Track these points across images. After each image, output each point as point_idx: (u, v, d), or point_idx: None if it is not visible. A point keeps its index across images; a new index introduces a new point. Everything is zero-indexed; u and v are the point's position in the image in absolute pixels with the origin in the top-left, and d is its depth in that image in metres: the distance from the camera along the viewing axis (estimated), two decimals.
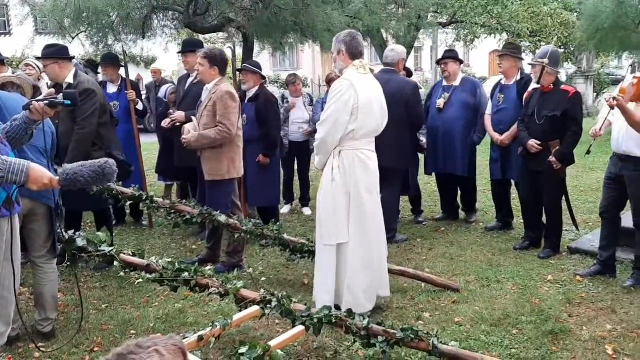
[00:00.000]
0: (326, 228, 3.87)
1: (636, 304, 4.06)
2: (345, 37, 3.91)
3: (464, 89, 6.01)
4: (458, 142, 5.95)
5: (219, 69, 4.78)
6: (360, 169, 3.84)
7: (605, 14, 11.67)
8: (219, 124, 4.64)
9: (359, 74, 3.84)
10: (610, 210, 4.52)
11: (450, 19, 16.57)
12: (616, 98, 4.05)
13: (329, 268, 3.88)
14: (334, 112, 3.77)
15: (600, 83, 20.34)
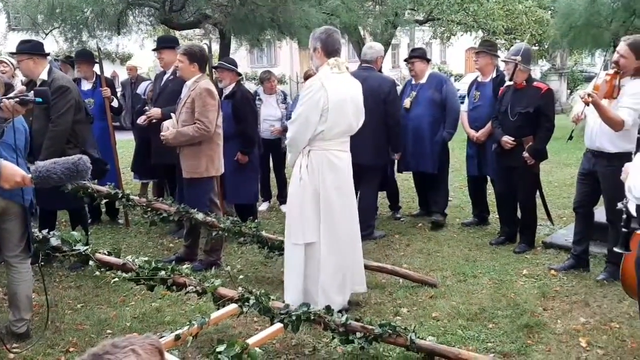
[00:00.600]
0: (294, 227, 3.84)
1: (609, 297, 4.14)
2: (321, 35, 3.85)
3: (430, 86, 5.96)
4: (427, 140, 5.91)
5: (199, 66, 4.75)
6: (328, 170, 3.79)
7: (579, 12, 11.85)
8: (197, 122, 4.61)
9: (332, 74, 3.79)
10: (584, 205, 4.60)
11: (427, 16, 16.71)
12: (591, 95, 4.11)
13: (297, 267, 3.84)
14: (304, 112, 3.74)
15: (573, 80, 20.69)
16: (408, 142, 5.96)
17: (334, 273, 3.83)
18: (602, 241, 4.75)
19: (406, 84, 6.34)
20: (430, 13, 16.36)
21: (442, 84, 6.00)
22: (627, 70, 4.18)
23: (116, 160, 6.08)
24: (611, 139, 4.24)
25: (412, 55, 6.16)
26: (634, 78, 4.20)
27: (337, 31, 3.96)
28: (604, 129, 4.24)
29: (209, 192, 4.88)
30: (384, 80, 5.54)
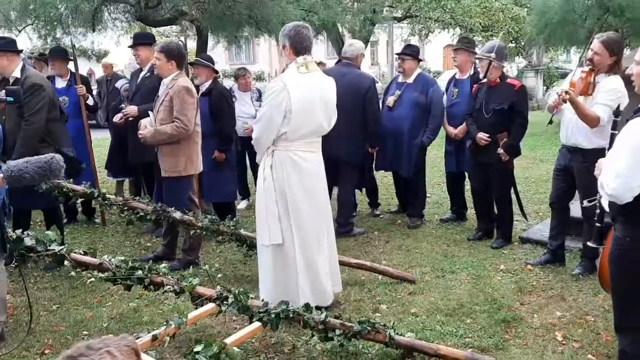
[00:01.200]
0: (260, 228, 3.78)
1: (584, 291, 4.20)
2: (290, 32, 3.73)
3: (416, 88, 5.80)
4: (405, 143, 5.79)
5: (176, 63, 4.69)
6: (293, 171, 3.71)
7: (554, 10, 11.99)
8: (175, 120, 4.56)
9: (298, 74, 3.69)
10: (560, 200, 4.66)
11: (405, 13, 16.77)
12: (568, 92, 4.16)
13: (267, 268, 3.80)
14: (267, 113, 3.66)
15: (550, 77, 20.97)
16: (387, 141, 5.87)
17: (309, 274, 3.77)
18: (578, 236, 4.82)
19: (392, 81, 6.26)
20: (408, 10, 16.42)
21: (429, 87, 5.82)
22: (602, 67, 4.24)
23: (92, 159, 5.99)
24: (586, 135, 4.30)
25: (405, 52, 5.97)
26: (608, 75, 4.26)
27: (307, 27, 3.81)
28: (579, 125, 4.30)
29: (187, 190, 4.85)
30: (364, 77, 5.54)
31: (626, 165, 2.42)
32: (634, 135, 2.44)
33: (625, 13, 11.20)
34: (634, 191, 2.42)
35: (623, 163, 2.43)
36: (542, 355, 3.33)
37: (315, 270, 3.79)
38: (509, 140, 5.05)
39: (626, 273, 2.60)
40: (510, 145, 5.05)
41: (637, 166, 2.40)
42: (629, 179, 2.41)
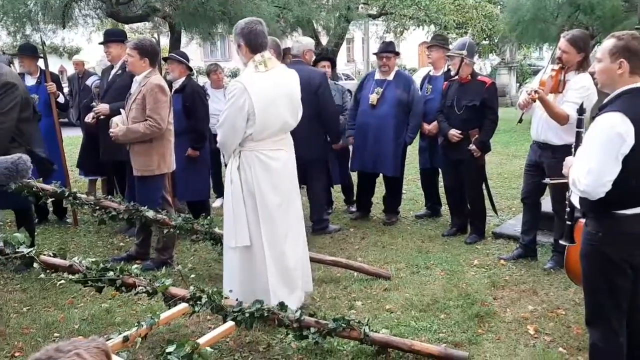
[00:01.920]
0: (228, 230, 3.73)
1: (556, 285, 4.27)
2: (243, 30, 3.61)
3: (397, 85, 5.75)
4: (390, 141, 5.69)
5: (149, 61, 4.62)
6: (261, 170, 3.64)
7: (526, 7, 12.17)
8: (148, 119, 4.50)
9: (257, 73, 3.58)
10: (531, 196, 4.72)
11: (380, 10, 16.82)
12: (537, 91, 4.21)
13: (234, 270, 3.74)
14: (229, 118, 3.56)
15: (522, 74, 21.25)
16: (368, 140, 5.77)
17: (280, 275, 3.72)
18: (549, 230, 4.89)
19: (367, 78, 6.11)
20: (383, 7, 16.47)
21: (410, 84, 5.80)
22: (571, 65, 4.31)
23: (63, 158, 5.90)
24: (556, 132, 4.36)
25: (388, 49, 5.88)
26: (578, 72, 4.34)
27: (261, 22, 3.68)
28: (549, 122, 4.36)
29: (160, 189, 4.79)
30: (314, 73, 5.38)
31: (597, 162, 2.46)
32: (602, 132, 2.48)
33: (595, 11, 11.42)
34: (606, 187, 2.46)
35: (594, 160, 2.47)
36: (514, 349, 3.37)
37: (285, 269, 3.76)
38: (480, 137, 5.10)
39: (597, 268, 2.64)
40: (481, 141, 5.11)
41: (607, 162, 2.44)
42: (601, 175, 2.45)
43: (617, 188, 2.46)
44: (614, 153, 2.43)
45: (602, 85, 2.67)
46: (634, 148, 2.43)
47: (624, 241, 2.58)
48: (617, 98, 2.55)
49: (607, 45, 2.58)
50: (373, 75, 6.02)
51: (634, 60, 2.52)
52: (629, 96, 2.53)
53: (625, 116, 2.43)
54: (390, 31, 19.72)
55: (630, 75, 2.55)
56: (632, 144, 2.42)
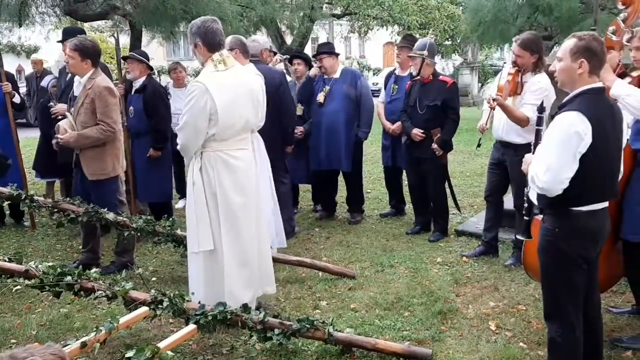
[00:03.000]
0: (191, 235, 3.65)
1: (516, 281, 4.34)
2: (199, 29, 3.54)
3: (344, 81, 5.78)
4: (342, 137, 5.71)
5: (92, 62, 4.46)
6: (224, 171, 3.57)
7: (487, 8, 12.37)
8: (101, 123, 4.36)
9: (217, 73, 3.51)
10: (494, 194, 4.80)
11: (345, 10, 16.90)
12: (495, 99, 4.30)
13: (198, 275, 3.67)
14: (191, 119, 3.47)
15: (484, 74, 21.61)
16: (321, 138, 5.77)
17: (239, 276, 3.66)
18: (510, 227, 4.96)
19: (317, 79, 6.05)
20: (347, 7, 16.55)
21: (357, 80, 5.86)
22: (527, 67, 4.41)
23: (19, 159, 5.74)
24: (518, 131, 4.46)
25: (321, 51, 5.94)
26: (534, 73, 4.44)
27: (217, 21, 3.61)
28: (510, 122, 4.45)
29: (117, 191, 4.67)
30: (273, 72, 5.31)
31: (555, 159, 2.51)
32: (561, 130, 2.53)
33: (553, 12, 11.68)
34: (564, 184, 2.52)
35: (552, 157, 2.52)
36: (476, 345, 3.41)
37: (246, 270, 3.71)
38: (442, 136, 5.16)
39: (555, 263, 2.70)
40: (443, 140, 5.17)
41: (565, 160, 2.50)
42: (559, 173, 2.50)
43: (574, 185, 2.52)
44: (572, 151, 2.49)
45: (562, 84, 2.72)
46: (591, 147, 2.49)
47: (579, 237, 2.64)
48: (576, 97, 2.61)
49: (568, 44, 2.63)
50: (322, 77, 6.00)
51: (593, 60, 2.58)
52: (588, 96, 2.59)
53: (584, 115, 2.49)
54: (354, 31, 19.83)
55: (589, 75, 2.60)
56: (590, 143, 2.48)
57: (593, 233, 2.66)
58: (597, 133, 2.48)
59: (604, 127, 2.53)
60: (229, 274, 3.62)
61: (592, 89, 2.60)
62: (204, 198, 3.58)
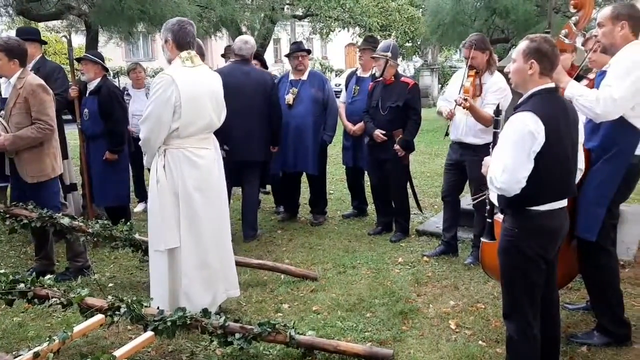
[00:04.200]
0: (155, 233, 3.62)
1: (475, 279, 4.40)
2: (173, 26, 3.61)
3: (312, 84, 5.82)
4: (309, 140, 5.74)
5: (19, 61, 4.30)
6: (188, 168, 3.58)
7: (446, 11, 12.57)
8: (37, 122, 4.21)
9: (184, 68, 3.57)
10: (451, 193, 4.86)
11: (306, 12, 16.89)
12: (468, 100, 4.35)
13: (161, 276, 3.63)
14: (155, 110, 3.48)
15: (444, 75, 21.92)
16: (288, 140, 5.75)
17: (198, 276, 3.64)
18: (469, 227, 5.04)
19: (282, 79, 6.09)
20: (308, 9, 16.55)
21: (324, 83, 5.90)
22: (482, 66, 4.51)
23: None
24: (475, 132, 4.54)
25: (301, 48, 5.93)
26: (491, 73, 4.54)
27: (192, 24, 3.71)
28: (469, 124, 4.53)
29: (58, 192, 4.52)
30: (266, 75, 5.46)
31: (511, 160, 2.56)
32: (515, 131, 2.58)
33: (510, 15, 11.93)
34: (521, 183, 2.57)
35: (508, 158, 2.57)
36: (437, 344, 3.44)
37: (207, 271, 3.68)
38: (404, 136, 5.20)
39: (514, 263, 2.74)
40: (405, 140, 5.21)
41: (521, 160, 2.55)
42: (515, 172, 2.56)
43: (530, 185, 2.58)
44: (526, 151, 2.54)
45: (515, 85, 2.78)
46: (545, 146, 2.54)
47: (538, 237, 2.69)
48: (530, 99, 2.68)
49: (521, 46, 2.71)
50: (287, 77, 6.04)
51: (544, 62, 2.65)
52: (540, 96, 2.65)
53: (536, 115, 2.54)
54: (316, 32, 19.84)
55: (540, 77, 2.67)
56: (543, 142, 2.53)
57: (552, 233, 2.72)
58: (550, 132, 2.54)
59: (557, 127, 2.59)
60: (187, 274, 3.60)
61: (544, 89, 2.67)
62: (168, 195, 3.56)
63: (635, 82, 3.05)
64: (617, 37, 3.19)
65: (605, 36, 3.24)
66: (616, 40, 3.20)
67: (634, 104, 3.10)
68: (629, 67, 3.07)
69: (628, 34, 3.17)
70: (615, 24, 3.18)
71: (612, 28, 3.19)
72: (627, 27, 3.16)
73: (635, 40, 3.19)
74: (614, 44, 3.21)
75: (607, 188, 3.21)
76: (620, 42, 3.19)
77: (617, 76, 3.08)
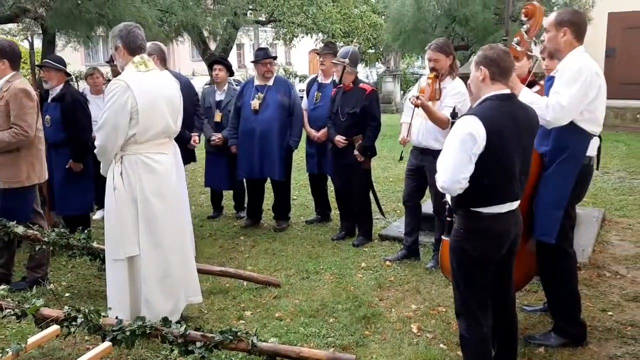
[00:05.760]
0: (113, 242, 3.56)
1: (437, 283, 4.45)
2: (121, 32, 3.56)
3: (278, 90, 5.81)
4: (276, 146, 5.73)
5: (9, 63, 4.24)
6: (145, 173, 3.54)
7: (407, 18, 12.72)
8: (14, 126, 4.14)
9: (138, 73, 3.53)
10: (412, 198, 4.92)
11: (269, 17, 16.87)
12: (419, 98, 4.41)
13: (121, 284, 3.57)
14: (111, 117, 3.43)
15: (406, 82, 22.19)
16: (254, 146, 5.72)
17: (158, 283, 3.59)
18: (430, 231, 5.11)
19: (246, 85, 6.08)
20: (271, 14, 16.55)
21: (290, 89, 5.90)
22: (444, 70, 4.57)
23: None
24: (436, 137, 4.59)
25: (268, 55, 5.88)
26: (452, 78, 4.61)
27: (139, 27, 3.66)
28: (429, 128, 4.58)
29: (31, 201, 4.42)
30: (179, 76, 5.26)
31: (452, 161, 2.66)
32: (457, 133, 2.68)
33: (470, 22, 12.16)
34: (461, 184, 2.65)
35: (450, 159, 2.67)
36: (399, 348, 3.47)
37: (167, 279, 3.63)
38: (363, 142, 5.24)
39: (461, 262, 2.83)
40: (364, 146, 5.24)
41: (461, 161, 2.64)
42: (455, 173, 2.64)
43: (473, 186, 2.66)
44: (467, 152, 2.62)
45: (474, 96, 2.86)
46: (486, 149, 2.62)
47: (482, 238, 2.77)
48: (480, 104, 2.77)
49: (475, 56, 2.82)
50: (252, 82, 6.01)
51: (491, 66, 2.74)
52: (489, 102, 2.75)
53: (478, 119, 2.63)
54: (279, 38, 19.83)
55: (492, 82, 2.76)
56: (484, 145, 2.61)
57: (496, 235, 2.78)
58: (492, 136, 2.61)
59: (502, 132, 2.66)
60: (147, 282, 3.54)
61: (496, 95, 2.76)
62: (127, 202, 3.51)
63: (581, 89, 3.17)
64: (560, 43, 3.31)
65: (550, 41, 3.37)
66: (560, 45, 3.31)
67: (581, 109, 3.21)
68: (574, 74, 3.18)
69: (571, 39, 3.29)
70: (558, 30, 3.30)
71: (556, 34, 3.31)
72: (569, 33, 3.28)
73: (579, 45, 3.31)
74: (559, 49, 3.34)
75: (563, 190, 3.30)
76: (564, 47, 3.31)
77: (564, 83, 3.19)
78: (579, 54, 3.28)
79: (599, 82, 3.24)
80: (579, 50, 3.29)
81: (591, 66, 3.23)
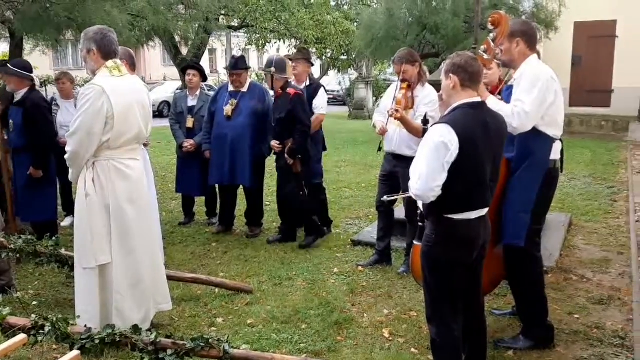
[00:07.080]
0: (84, 250, 3.50)
1: (408, 288, 4.49)
2: (95, 35, 3.51)
3: (252, 96, 5.77)
4: (247, 152, 5.68)
5: None
6: (119, 180, 3.51)
7: (379, 25, 12.87)
8: None
9: (112, 78, 3.48)
10: (385, 204, 4.95)
11: (242, 23, 16.87)
12: (399, 111, 4.46)
13: (91, 292, 3.51)
14: (86, 123, 3.39)
15: (378, 88, 22.37)
16: (225, 152, 5.68)
17: (130, 291, 3.55)
18: (402, 236, 5.15)
19: (220, 90, 6.05)
20: (244, 20, 16.54)
21: (264, 95, 5.87)
22: (414, 79, 4.64)
23: None
24: (409, 144, 4.64)
25: (239, 67, 5.81)
26: (422, 85, 4.68)
27: (112, 31, 3.62)
28: (402, 135, 4.64)
29: None
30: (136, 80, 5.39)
31: (425, 168, 2.69)
32: (430, 141, 2.71)
33: (440, 30, 12.35)
34: (435, 191, 2.69)
35: (423, 167, 2.70)
36: (371, 354, 3.49)
37: (137, 286, 3.59)
38: (291, 145, 5.30)
39: (432, 267, 2.86)
40: (291, 149, 5.29)
41: (434, 169, 2.67)
42: (428, 180, 2.68)
43: (446, 194, 2.70)
44: (440, 161, 2.66)
45: (445, 102, 2.90)
46: (459, 157, 2.66)
47: (453, 243, 2.81)
48: (451, 112, 2.80)
49: (444, 65, 2.88)
50: (227, 88, 5.96)
51: (460, 73, 2.79)
52: (460, 110, 2.78)
53: (451, 127, 2.67)
54: (252, 43, 19.82)
55: (463, 89, 2.80)
56: (457, 154, 2.65)
57: (467, 240, 2.82)
58: (465, 144, 2.65)
59: (473, 139, 2.70)
60: (119, 290, 3.50)
61: (466, 103, 2.79)
62: (98, 209, 3.46)
63: (540, 95, 3.27)
64: (514, 53, 3.42)
65: (504, 53, 3.46)
66: (514, 56, 3.43)
67: (542, 114, 3.30)
68: (533, 81, 3.29)
69: (524, 49, 3.40)
70: (511, 42, 3.41)
71: (510, 46, 3.42)
72: (522, 43, 3.39)
73: (532, 54, 3.42)
74: (513, 59, 3.45)
75: (530, 193, 3.38)
76: (518, 57, 3.42)
77: (524, 90, 3.29)
78: (533, 61, 3.39)
79: (555, 86, 3.36)
80: (532, 58, 3.41)
81: (547, 72, 3.35)
